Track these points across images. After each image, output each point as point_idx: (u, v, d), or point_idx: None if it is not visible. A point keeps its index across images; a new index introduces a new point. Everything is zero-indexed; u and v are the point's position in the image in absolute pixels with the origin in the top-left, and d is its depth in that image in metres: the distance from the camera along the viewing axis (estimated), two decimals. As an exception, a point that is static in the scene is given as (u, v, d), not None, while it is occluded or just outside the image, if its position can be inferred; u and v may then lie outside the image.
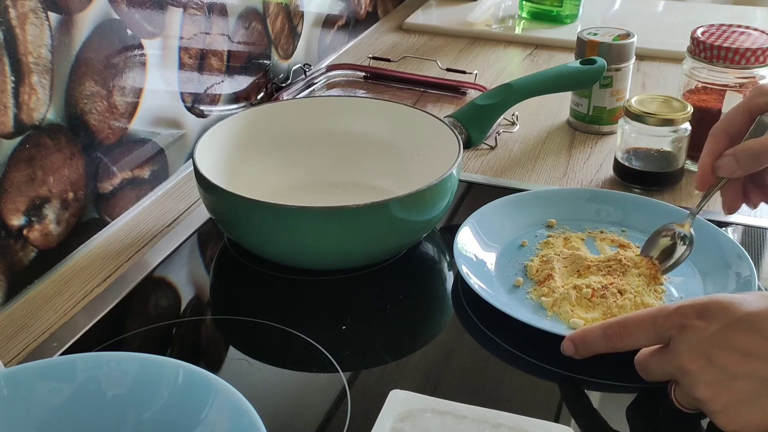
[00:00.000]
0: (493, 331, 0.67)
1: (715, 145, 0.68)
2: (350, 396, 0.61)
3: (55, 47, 0.72)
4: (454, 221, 0.83)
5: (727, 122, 0.68)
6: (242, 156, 0.84)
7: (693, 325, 0.55)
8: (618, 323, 0.59)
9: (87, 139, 0.78)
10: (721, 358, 0.53)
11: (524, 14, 1.43)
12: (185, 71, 0.92)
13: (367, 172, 0.88)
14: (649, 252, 0.72)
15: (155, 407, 0.52)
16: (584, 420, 0.60)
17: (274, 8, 1.09)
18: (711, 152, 0.68)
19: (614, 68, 0.98)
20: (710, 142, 0.69)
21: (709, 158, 0.68)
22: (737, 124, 0.68)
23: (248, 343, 0.68)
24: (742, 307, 0.54)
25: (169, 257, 0.78)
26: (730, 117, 0.68)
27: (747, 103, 0.68)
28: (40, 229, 0.74)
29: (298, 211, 0.69)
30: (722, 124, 0.68)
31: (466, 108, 0.89)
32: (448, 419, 0.55)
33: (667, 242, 0.72)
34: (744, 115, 0.68)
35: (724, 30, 0.94)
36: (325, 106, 0.90)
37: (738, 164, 0.67)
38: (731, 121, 0.68)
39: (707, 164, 0.68)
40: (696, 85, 0.93)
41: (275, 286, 0.74)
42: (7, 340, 0.68)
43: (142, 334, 0.68)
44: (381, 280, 0.75)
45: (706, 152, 0.68)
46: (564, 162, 0.97)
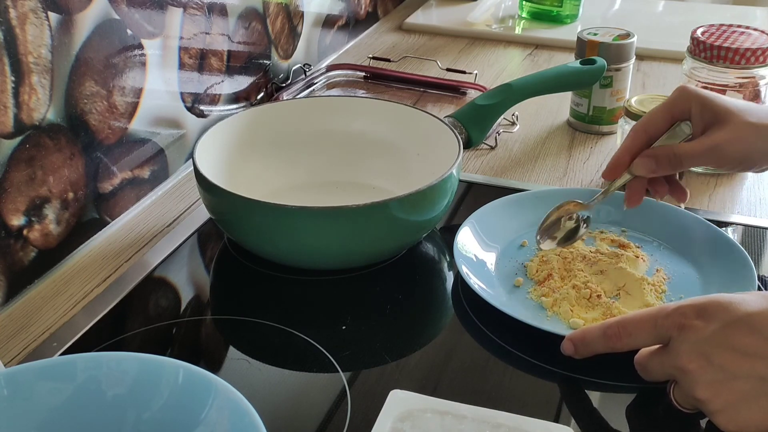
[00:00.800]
0: (493, 331, 0.67)
1: (635, 141, 0.71)
2: (350, 396, 0.61)
3: (55, 47, 0.72)
4: (454, 221, 0.83)
5: (649, 122, 0.71)
6: (242, 156, 0.84)
7: (692, 325, 0.55)
8: (618, 323, 0.59)
9: (87, 139, 0.78)
10: (720, 358, 0.53)
11: (524, 14, 1.43)
12: (185, 71, 0.92)
13: (367, 172, 0.88)
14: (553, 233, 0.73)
15: (155, 407, 0.52)
16: (584, 420, 0.60)
17: (274, 8, 1.09)
18: (628, 148, 0.71)
19: (614, 68, 0.98)
20: (630, 138, 0.71)
21: (626, 154, 0.71)
22: (658, 125, 0.70)
23: (248, 343, 0.68)
24: (741, 307, 0.54)
25: (169, 257, 0.78)
26: (652, 117, 0.71)
27: (670, 104, 0.70)
28: (40, 229, 0.74)
29: (298, 211, 0.69)
30: (644, 124, 0.71)
31: (466, 108, 0.89)
32: (448, 419, 0.55)
33: (572, 225, 0.73)
34: (666, 116, 0.70)
35: (724, 30, 0.94)
36: (325, 106, 0.90)
37: (657, 166, 0.69)
38: (653, 120, 0.70)
39: (624, 158, 0.71)
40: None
41: (275, 286, 0.74)
42: (7, 340, 0.68)
43: (142, 334, 0.68)
44: (381, 280, 0.75)
45: (624, 148, 0.71)
46: (564, 162, 0.97)
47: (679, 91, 0.71)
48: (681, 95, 0.70)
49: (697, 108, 0.69)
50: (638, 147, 0.71)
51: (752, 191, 0.89)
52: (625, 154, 0.71)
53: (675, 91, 0.71)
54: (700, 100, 0.69)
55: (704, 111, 0.69)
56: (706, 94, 0.69)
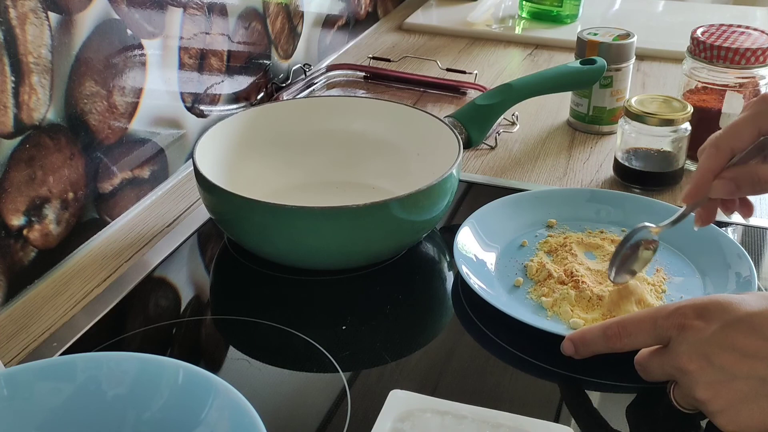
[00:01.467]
0: (493, 331, 0.67)
1: (717, 160, 0.62)
2: (350, 396, 0.61)
3: (55, 47, 0.72)
4: (454, 221, 0.83)
5: (734, 137, 0.62)
6: (242, 156, 0.84)
7: (692, 325, 0.55)
8: (618, 323, 0.59)
9: (87, 139, 0.78)
10: (720, 359, 0.53)
11: (524, 14, 1.43)
12: (185, 71, 0.92)
13: (367, 172, 0.88)
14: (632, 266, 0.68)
15: (155, 407, 0.52)
16: (584, 420, 0.60)
17: (274, 8, 1.09)
18: (712, 168, 0.63)
19: (614, 68, 0.98)
20: (712, 156, 0.63)
21: (709, 174, 0.63)
22: (743, 139, 0.62)
23: (248, 343, 0.68)
24: (741, 307, 0.54)
25: (169, 257, 0.78)
26: (737, 130, 0.62)
27: (755, 117, 0.61)
28: (40, 229, 0.74)
29: (298, 211, 0.69)
30: (729, 139, 0.62)
31: (466, 108, 0.89)
32: (448, 419, 0.55)
33: (649, 255, 0.69)
34: (752, 129, 0.62)
35: (724, 30, 0.94)
36: (325, 106, 0.90)
37: (737, 190, 0.63)
38: (738, 134, 0.62)
39: (707, 179, 0.63)
40: (696, 85, 0.93)
41: (275, 286, 0.74)
42: (7, 340, 0.68)
43: (142, 334, 0.68)
44: (381, 280, 0.75)
45: (707, 168, 0.63)
46: (564, 162, 0.97)
47: (763, 101, 0.62)
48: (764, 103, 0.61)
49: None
50: (721, 162, 0.62)
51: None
52: (708, 175, 0.63)
53: (759, 101, 0.62)
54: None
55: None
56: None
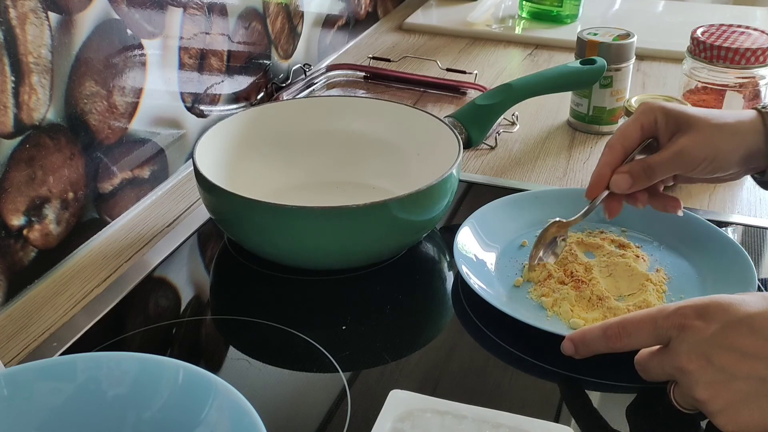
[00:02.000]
0: (493, 331, 0.67)
1: (612, 157, 0.72)
2: (350, 396, 0.61)
3: (55, 47, 0.72)
4: (454, 221, 0.83)
5: (622, 136, 0.72)
6: (242, 156, 0.84)
7: (692, 325, 0.55)
8: (618, 323, 0.59)
9: (87, 139, 0.78)
10: (720, 359, 0.53)
11: (524, 14, 1.43)
12: (185, 71, 0.92)
13: (367, 172, 0.88)
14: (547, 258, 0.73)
15: (155, 407, 0.52)
16: (584, 420, 0.60)
17: (274, 8, 1.09)
18: (608, 164, 0.72)
19: (614, 68, 0.98)
20: (607, 154, 0.72)
21: (606, 170, 0.71)
22: (631, 137, 0.72)
23: (248, 343, 0.68)
24: (741, 307, 0.54)
25: (169, 257, 0.78)
26: (624, 130, 0.72)
27: (638, 118, 0.72)
28: (40, 229, 0.74)
29: (298, 211, 0.69)
30: (618, 139, 0.72)
31: (466, 108, 0.89)
32: (448, 419, 0.55)
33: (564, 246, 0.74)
34: (636, 127, 0.72)
35: (724, 30, 0.94)
36: (325, 106, 0.90)
37: (633, 181, 0.70)
38: (625, 134, 0.72)
39: (605, 174, 0.72)
40: (696, 85, 0.93)
41: (275, 286, 0.74)
42: (7, 340, 0.68)
43: (142, 334, 0.68)
44: (381, 280, 0.75)
45: (604, 163, 0.72)
46: (564, 162, 0.97)
47: (643, 105, 0.73)
48: (646, 108, 0.72)
49: (662, 118, 0.71)
50: (616, 161, 0.72)
51: (752, 191, 0.89)
52: (605, 170, 0.72)
53: (639, 107, 0.73)
54: (664, 111, 0.71)
55: (669, 120, 0.71)
56: (668, 105, 0.72)
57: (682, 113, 0.71)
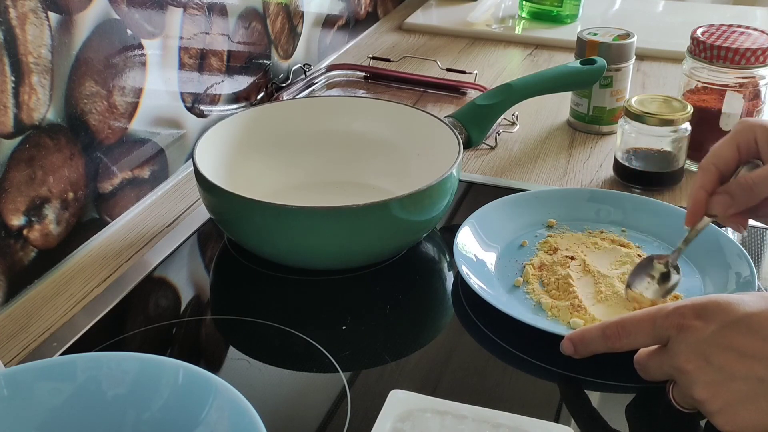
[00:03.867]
0: (493, 331, 0.67)
1: (707, 180, 0.66)
2: (350, 396, 0.61)
3: (55, 47, 0.72)
4: (454, 221, 0.83)
5: (716, 156, 0.67)
6: (242, 156, 0.84)
7: (691, 325, 0.55)
8: (617, 323, 0.59)
9: (87, 139, 0.78)
10: (719, 359, 0.53)
11: (524, 14, 1.43)
12: (185, 71, 0.92)
13: (367, 172, 0.88)
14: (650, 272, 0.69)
15: (155, 407, 0.52)
16: (584, 420, 0.60)
17: (274, 8, 1.09)
18: (703, 187, 0.66)
19: (614, 68, 0.98)
20: (701, 177, 0.67)
21: (701, 193, 0.66)
22: (726, 159, 0.66)
23: (248, 343, 0.68)
24: (740, 307, 0.54)
25: (169, 257, 0.78)
26: (719, 151, 0.67)
27: (734, 137, 0.66)
28: (40, 229, 0.74)
29: (298, 211, 0.69)
30: (711, 159, 0.67)
31: (466, 108, 0.89)
32: (448, 419, 0.55)
33: (662, 269, 0.69)
34: (732, 149, 0.66)
35: (724, 30, 0.94)
36: (325, 106, 0.90)
37: (733, 200, 0.65)
38: (720, 155, 0.66)
39: (701, 200, 0.66)
40: (696, 85, 0.93)
41: (275, 286, 0.74)
42: (7, 340, 0.68)
43: (142, 334, 0.68)
44: (381, 280, 0.75)
45: (698, 187, 0.67)
46: (564, 162, 0.97)
47: (741, 122, 0.67)
48: (743, 126, 0.66)
49: (762, 135, 0.65)
50: (712, 184, 0.66)
51: None
52: (701, 194, 0.66)
53: (737, 124, 0.67)
54: (764, 127, 0.65)
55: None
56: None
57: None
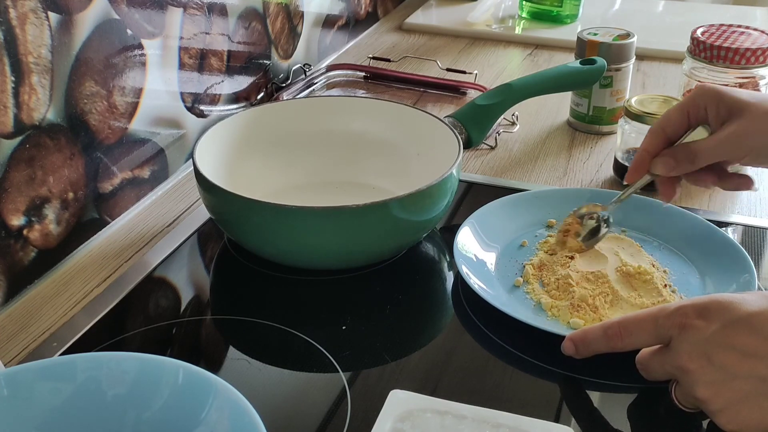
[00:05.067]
0: (493, 331, 0.67)
1: (653, 142, 0.70)
2: (350, 396, 0.61)
3: (55, 47, 0.72)
4: (454, 221, 0.83)
5: (665, 121, 0.70)
6: (242, 156, 0.84)
7: (693, 324, 0.55)
8: (618, 323, 0.59)
9: (87, 139, 0.78)
10: (720, 358, 0.53)
11: (524, 14, 1.43)
12: (185, 71, 0.92)
13: (367, 172, 0.88)
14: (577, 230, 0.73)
15: (155, 407, 0.52)
16: (584, 420, 0.60)
17: (274, 8, 1.09)
18: (648, 149, 0.70)
19: (614, 68, 0.98)
20: (648, 139, 0.71)
21: (645, 154, 0.70)
22: (674, 124, 0.69)
23: (248, 343, 0.68)
24: (742, 306, 0.54)
25: (169, 257, 0.78)
26: (668, 116, 0.70)
27: (686, 104, 0.69)
28: (40, 229, 0.74)
29: (298, 211, 0.69)
30: (660, 123, 0.70)
31: (466, 108, 0.89)
32: (448, 419, 0.54)
33: (593, 224, 0.74)
34: (682, 113, 0.69)
35: (724, 30, 0.94)
36: (325, 106, 0.90)
37: (676, 164, 0.69)
38: (669, 120, 0.70)
39: (644, 159, 0.70)
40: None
41: (275, 286, 0.74)
42: (7, 340, 0.68)
43: (142, 334, 0.68)
44: (381, 280, 0.75)
45: (643, 149, 0.70)
46: (564, 162, 0.97)
47: (697, 88, 0.70)
48: (696, 92, 0.69)
49: (712, 104, 0.68)
50: (657, 147, 0.70)
51: (752, 191, 0.89)
52: (645, 155, 0.70)
53: (693, 90, 0.70)
54: (716, 96, 0.67)
55: (720, 106, 0.67)
56: (722, 88, 0.68)
57: (735, 98, 0.67)
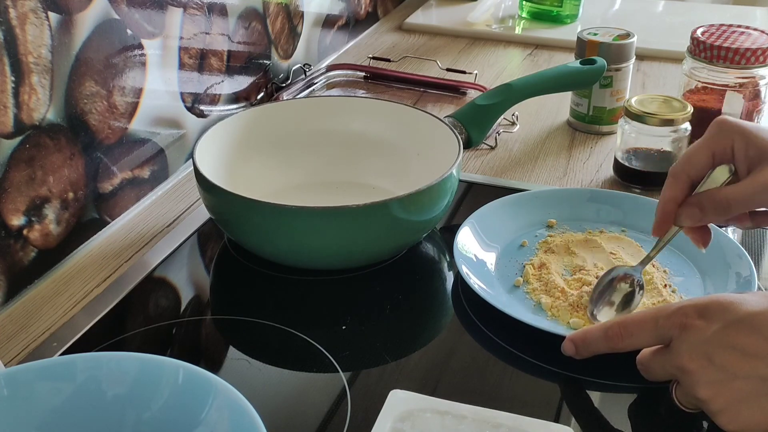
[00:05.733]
0: (493, 331, 0.67)
1: (677, 189, 0.64)
2: (350, 396, 0.61)
3: (55, 47, 0.72)
4: (454, 221, 0.83)
5: (689, 164, 0.64)
6: (242, 156, 0.84)
7: (694, 324, 0.55)
8: (619, 323, 0.59)
9: (87, 139, 0.78)
10: (721, 358, 0.53)
11: (524, 14, 1.43)
12: (185, 71, 0.92)
13: (367, 172, 0.88)
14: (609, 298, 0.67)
15: (155, 407, 0.52)
16: (584, 420, 0.60)
17: (274, 8, 1.09)
18: (674, 198, 0.64)
19: (614, 68, 0.98)
20: (671, 185, 0.64)
21: (671, 205, 0.64)
22: (699, 166, 0.64)
23: (248, 343, 0.68)
24: (742, 306, 0.54)
25: (169, 257, 0.78)
26: (692, 157, 0.64)
27: (709, 144, 0.63)
28: (40, 229, 0.74)
29: (298, 211, 0.69)
30: (683, 167, 0.64)
31: (466, 108, 0.89)
32: (448, 419, 0.55)
33: (627, 288, 0.68)
34: (706, 154, 0.63)
35: (724, 30, 0.94)
36: (325, 106, 0.90)
37: (703, 215, 0.63)
38: (692, 162, 0.64)
39: (670, 210, 0.64)
40: (696, 85, 0.93)
41: (275, 286, 0.74)
42: (7, 340, 0.68)
43: (142, 334, 0.68)
44: (381, 280, 0.75)
45: (668, 197, 0.64)
46: (564, 162, 0.97)
47: (717, 125, 0.63)
48: (720, 130, 0.63)
49: (740, 144, 0.62)
50: (683, 194, 0.64)
51: None
52: (670, 204, 0.64)
53: (713, 126, 0.63)
54: (743, 135, 0.62)
55: (749, 147, 0.61)
56: (748, 126, 0.62)
57: (763, 138, 0.61)
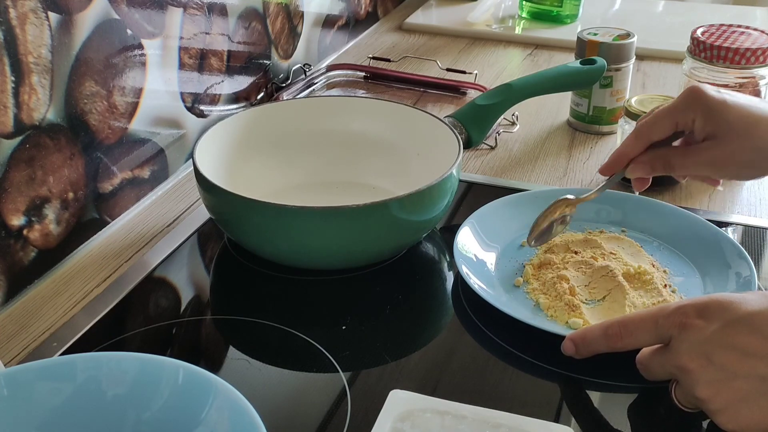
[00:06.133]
0: (493, 331, 0.67)
1: (637, 146, 0.71)
2: (350, 396, 0.61)
3: (55, 47, 0.72)
4: (454, 221, 0.83)
5: (653, 125, 0.70)
6: (242, 156, 0.84)
7: (693, 324, 0.55)
8: (618, 323, 0.59)
9: (87, 139, 0.78)
10: (720, 358, 0.53)
11: (524, 14, 1.43)
12: (185, 71, 0.92)
13: (367, 172, 0.88)
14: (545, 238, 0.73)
15: (155, 407, 0.52)
16: (585, 420, 0.60)
17: (274, 8, 1.09)
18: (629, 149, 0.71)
19: (614, 68, 0.98)
20: (632, 141, 0.71)
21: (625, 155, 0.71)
22: (661, 129, 0.69)
23: (248, 343, 0.68)
24: (742, 306, 0.54)
25: (169, 257, 0.78)
26: (657, 120, 0.69)
27: (674, 113, 0.69)
28: (40, 229, 0.74)
29: (298, 211, 0.69)
30: (647, 127, 0.70)
31: (466, 108, 0.89)
32: (448, 419, 0.55)
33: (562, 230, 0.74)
34: (670, 121, 0.69)
35: (724, 30, 0.94)
36: (325, 106, 0.90)
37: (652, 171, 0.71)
38: (656, 124, 0.69)
39: (622, 160, 0.71)
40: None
41: (275, 286, 0.74)
42: (7, 340, 0.68)
43: (142, 334, 0.68)
44: (381, 280, 0.75)
45: (625, 148, 0.71)
46: (564, 162, 0.97)
47: (688, 96, 0.68)
48: (688, 105, 0.68)
49: (700, 121, 0.67)
50: (639, 149, 0.71)
51: (752, 191, 0.89)
52: (623, 158, 0.71)
53: (685, 95, 0.68)
54: (706, 112, 0.67)
55: (707, 123, 0.67)
56: (714, 104, 0.67)
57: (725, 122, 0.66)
